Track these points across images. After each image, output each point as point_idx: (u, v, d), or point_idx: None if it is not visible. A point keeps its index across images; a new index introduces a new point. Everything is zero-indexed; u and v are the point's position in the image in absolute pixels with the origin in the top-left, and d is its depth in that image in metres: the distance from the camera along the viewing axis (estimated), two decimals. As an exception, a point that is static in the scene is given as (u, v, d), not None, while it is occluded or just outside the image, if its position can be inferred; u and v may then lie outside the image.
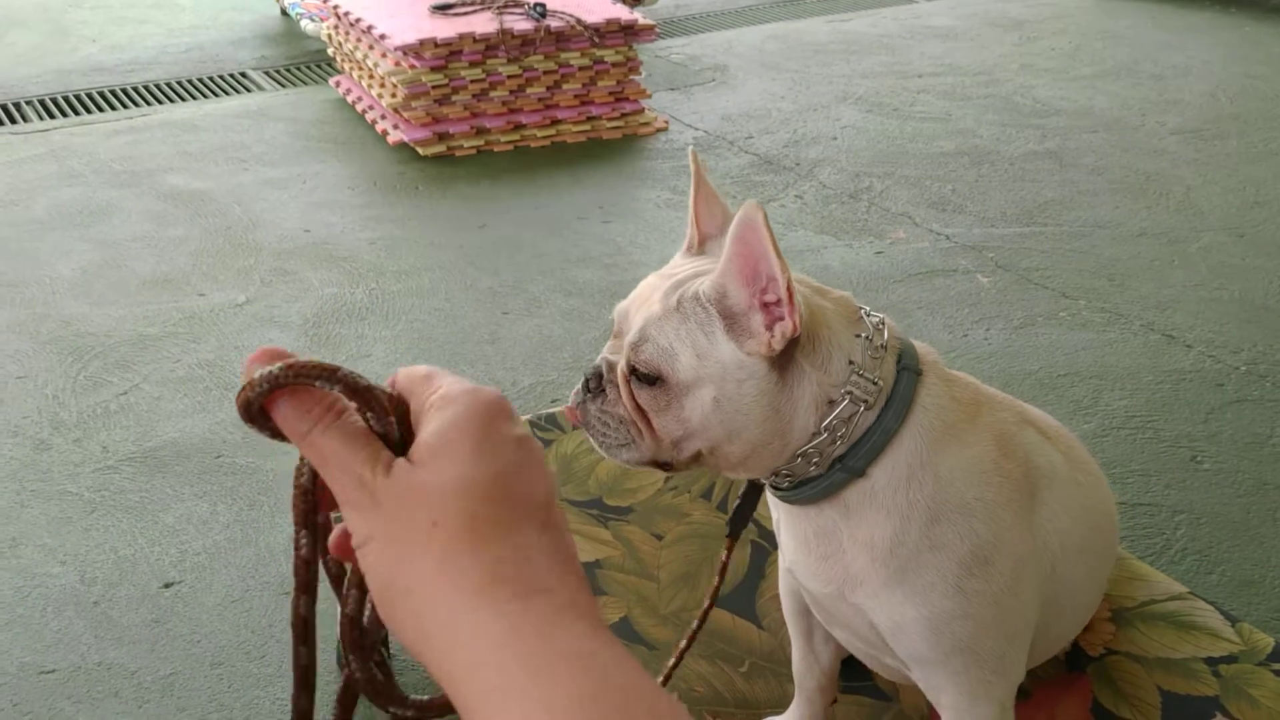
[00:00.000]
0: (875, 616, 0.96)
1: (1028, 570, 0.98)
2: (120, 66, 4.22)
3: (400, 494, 0.48)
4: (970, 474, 0.94)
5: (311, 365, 0.50)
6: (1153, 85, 4.02)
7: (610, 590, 1.41)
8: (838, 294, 0.96)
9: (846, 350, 0.91)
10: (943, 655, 0.96)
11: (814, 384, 0.90)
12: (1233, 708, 1.20)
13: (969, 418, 0.96)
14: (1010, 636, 0.98)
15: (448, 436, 0.49)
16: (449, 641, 0.46)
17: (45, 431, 2.10)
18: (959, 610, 0.94)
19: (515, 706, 0.44)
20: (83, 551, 1.80)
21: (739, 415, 0.90)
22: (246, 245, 2.84)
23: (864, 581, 0.95)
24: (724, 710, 1.26)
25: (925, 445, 0.92)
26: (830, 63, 4.30)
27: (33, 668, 1.58)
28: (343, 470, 0.50)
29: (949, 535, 0.92)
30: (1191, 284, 2.64)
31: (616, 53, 3.55)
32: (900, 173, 3.28)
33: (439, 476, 0.49)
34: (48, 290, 2.61)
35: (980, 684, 0.98)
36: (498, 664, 0.45)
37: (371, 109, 3.61)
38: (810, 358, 0.90)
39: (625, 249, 2.82)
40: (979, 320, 2.49)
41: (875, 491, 0.93)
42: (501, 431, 0.50)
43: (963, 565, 0.93)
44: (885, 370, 0.92)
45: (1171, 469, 1.99)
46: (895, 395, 0.92)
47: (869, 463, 0.92)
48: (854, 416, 0.91)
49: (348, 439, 0.50)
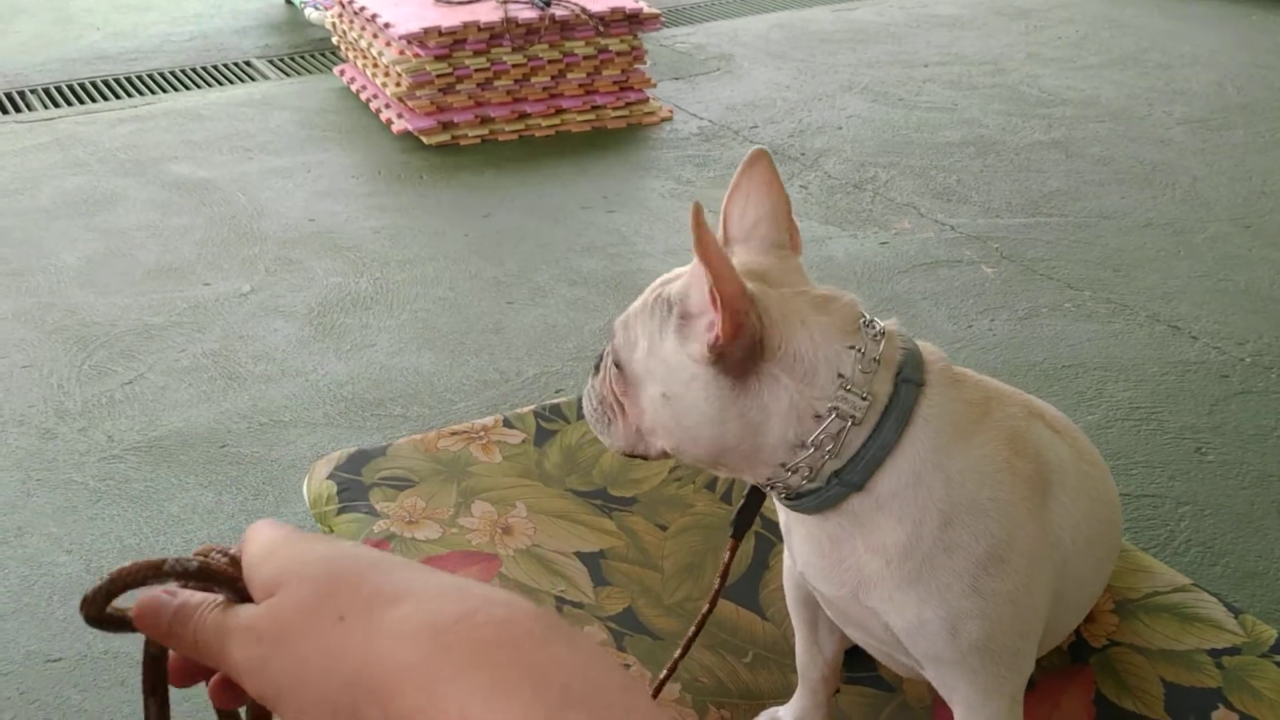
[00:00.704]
0: (890, 619, 0.96)
1: (1041, 566, 0.98)
2: (124, 55, 4.21)
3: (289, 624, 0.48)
4: (982, 474, 0.93)
5: (136, 568, 0.51)
6: (1160, 75, 4.01)
7: (614, 581, 1.42)
8: (843, 302, 0.94)
9: (835, 364, 0.89)
10: (959, 655, 0.95)
11: (794, 395, 0.89)
12: (1235, 699, 1.20)
13: (978, 418, 0.95)
14: (1025, 633, 0.97)
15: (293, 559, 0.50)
16: (408, 695, 0.45)
17: (51, 420, 2.10)
18: (976, 610, 0.93)
19: None
20: (88, 540, 1.80)
21: (690, 414, 0.90)
22: (251, 234, 2.84)
23: (878, 585, 0.94)
24: (728, 701, 1.27)
25: (931, 452, 0.91)
26: (836, 52, 4.29)
27: (39, 656, 1.59)
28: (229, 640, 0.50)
29: (963, 537, 0.92)
30: (1197, 275, 2.64)
31: (621, 41, 3.54)
32: (905, 163, 3.28)
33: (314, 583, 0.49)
34: (53, 279, 2.61)
35: (994, 679, 0.98)
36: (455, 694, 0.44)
37: (376, 98, 3.60)
38: (789, 370, 0.89)
39: (630, 239, 2.82)
40: (983, 311, 2.48)
41: (882, 501, 0.92)
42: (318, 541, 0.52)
43: (979, 565, 0.92)
44: (879, 384, 0.90)
45: (1176, 461, 1.99)
46: (893, 408, 0.90)
47: (866, 477, 0.91)
48: (842, 432, 0.90)
49: (223, 611, 0.51)
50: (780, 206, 0.99)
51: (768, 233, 0.98)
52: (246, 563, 0.52)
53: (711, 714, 1.26)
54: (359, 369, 2.26)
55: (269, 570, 0.50)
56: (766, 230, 0.98)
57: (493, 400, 2.16)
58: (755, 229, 0.97)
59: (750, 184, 0.99)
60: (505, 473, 1.60)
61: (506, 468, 1.61)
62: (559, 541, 1.48)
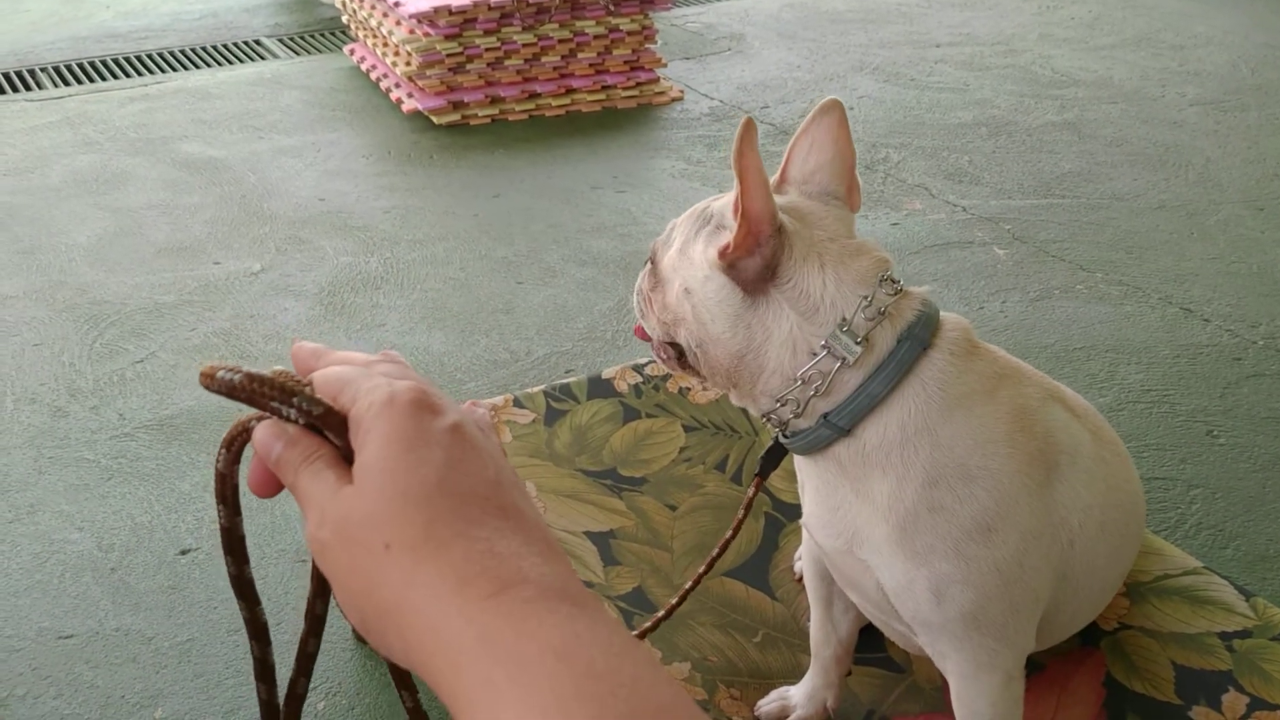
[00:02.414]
0: (881, 575, 0.98)
1: (1039, 544, 0.98)
2: (134, 33, 4.21)
3: (350, 527, 0.49)
4: (975, 442, 0.95)
5: (268, 389, 0.53)
6: (1173, 55, 3.98)
7: (624, 560, 1.42)
8: (873, 257, 0.97)
9: (841, 308, 0.93)
10: (944, 620, 0.97)
11: (792, 325, 0.94)
12: (1246, 682, 1.20)
13: (986, 391, 0.96)
14: (1015, 607, 0.98)
15: (381, 457, 0.50)
16: (429, 652, 0.46)
17: (62, 399, 2.11)
18: (960, 575, 0.95)
19: (501, 713, 0.43)
20: (100, 518, 1.81)
21: (704, 310, 0.96)
22: (261, 214, 2.84)
23: (869, 538, 0.97)
24: (737, 680, 1.27)
25: (922, 413, 0.94)
26: (847, 32, 4.27)
27: (51, 632, 1.60)
28: (309, 505, 0.52)
29: (947, 498, 0.94)
30: (1210, 257, 2.62)
31: (632, 21, 3.52)
32: (917, 143, 3.26)
33: (381, 500, 0.49)
34: (64, 257, 2.62)
35: (984, 651, 0.99)
36: (477, 669, 0.44)
37: (386, 77, 3.59)
38: (794, 303, 0.94)
39: (640, 219, 2.82)
40: (995, 293, 2.47)
41: (867, 451, 0.95)
42: (431, 430, 0.50)
43: (963, 530, 0.94)
44: (879, 335, 0.94)
45: (1187, 443, 1.98)
46: (889, 362, 0.93)
47: (854, 422, 0.95)
48: (832, 372, 0.93)
49: (315, 474, 0.52)
50: (843, 159, 1.03)
51: (825, 181, 1.02)
52: (355, 417, 0.52)
53: (721, 693, 1.26)
54: (369, 348, 2.26)
55: (364, 457, 0.50)
56: (824, 179, 1.02)
57: (503, 380, 2.16)
58: (815, 175, 1.02)
59: (818, 132, 1.02)
60: (515, 452, 1.60)
61: (516, 447, 1.61)
62: (569, 521, 1.48)
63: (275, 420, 0.54)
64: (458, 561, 0.47)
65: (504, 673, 0.44)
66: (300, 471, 0.52)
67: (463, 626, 0.45)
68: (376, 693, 1.50)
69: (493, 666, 0.44)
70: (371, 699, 1.49)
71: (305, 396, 0.52)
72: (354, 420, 0.52)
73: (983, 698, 1.01)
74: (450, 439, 0.50)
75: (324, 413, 0.52)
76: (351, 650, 1.56)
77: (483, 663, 0.44)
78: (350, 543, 0.49)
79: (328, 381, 0.54)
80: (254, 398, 0.53)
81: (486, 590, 0.46)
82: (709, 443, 1.62)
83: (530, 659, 0.44)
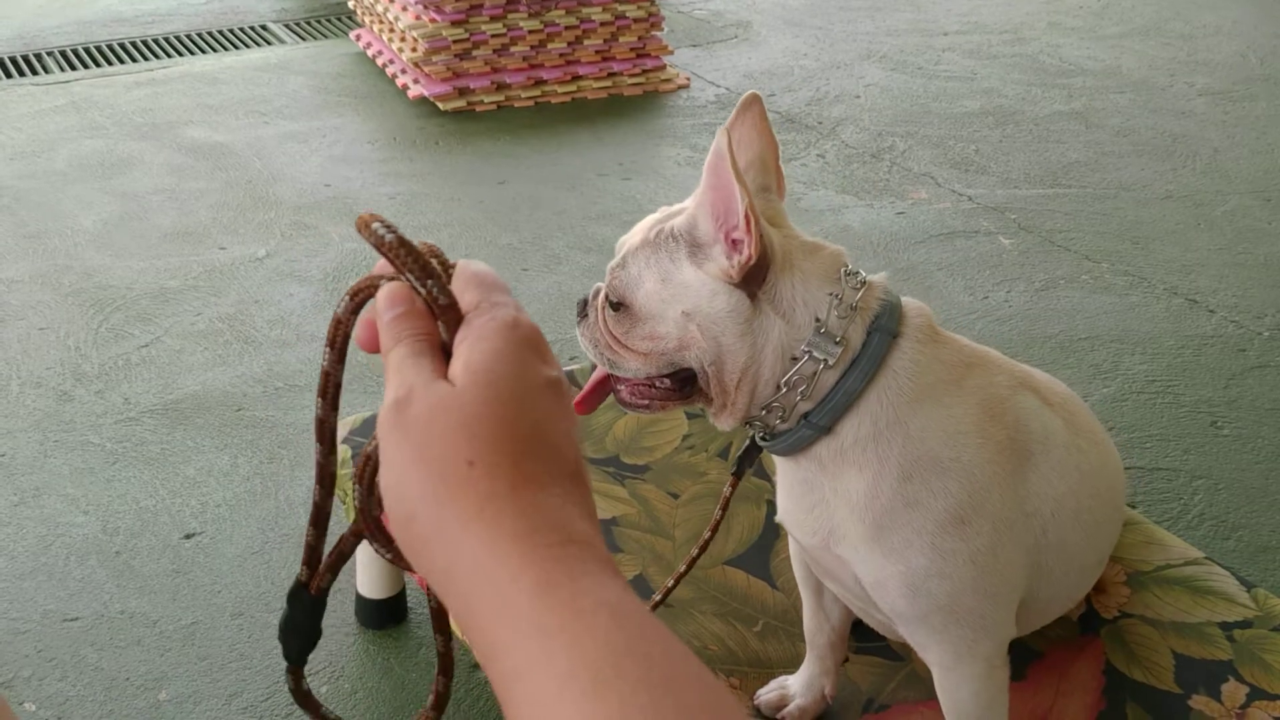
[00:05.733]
0: (858, 569, 0.98)
1: (1011, 533, 0.98)
2: (140, 18, 4.20)
3: (437, 424, 0.48)
4: (945, 434, 0.95)
5: (413, 263, 0.53)
6: (1181, 45, 3.97)
7: (626, 548, 1.42)
8: (829, 251, 0.97)
9: (813, 308, 0.93)
10: (921, 612, 0.97)
11: (779, 332, 0.93)
12: (1246, 672, 1.20)
13: (954, 380, 0.96)
14: (990, 596, 0.98)
15: (489, 369, 0.49)
16: (476, 585, 0.46)
17: (68, 383, 2.11)
18: (935, 569, 0.95)
19: (551, 656, 0.44)
20: (105, 502, 1.82)
21: (715, 326, 0.94)
22: (267, 199, 2.84)
23: (846, 535, 0.98)
24: (738, 669, 1.27)
25: (894, 405, 0.94)
26: (855, 20, 4.26)
27: (57, 615, 1.61)
28: (398, 379, 0.50)
29: (921, 493, 0.94)
30: (1216, 248, 2.62)
31: (638, 8, 3.51)
32: (923, 132, 3.25)
33: (482, 415, 0.48)
34: (69, 242, 2.62)
35: (963, 642, 0.99)
36: (530, 614, 0.45)
37: (392, 63, 3.59)
38: (776, 307, 0.93)
39: (645, 206, 2.81)
40: (1000, 282, 2.47)
41: (845, 449, 0.95)
42: (539, 375, 0.50)
43: (939, 524, 0.94)
44: (853, 331, 0.93)
45: (1191, 434, 1.98)
46: (863, 356, 0.93)
47: (834, 421, 0.94)
48: (815, 375, 0.93)
49: (416, 354, 0.51)
50: (769, 152, 1.01)
51: (756, 177, 1.01)
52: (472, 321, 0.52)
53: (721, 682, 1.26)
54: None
55: (472, 365, 0.50)
56: (755, 174, 1.01)
57: (507, 367, 2.17)
58: (747, 172, 0.99)
59: (743, 128, 1.01)
60: (518, 439, 1.60)
61: (520, 434, 1.61)
62: (571, 508, 1.48)
63: (404, 284, 0.54)
64: (529, 507, 0.47)
65: (557, 620, 0.44)
66: (402, 342, 0.52)
67: (521, 568, 0.45)
68: (379, 678, 1.51)
69: (546, 613, 0.44)
70: (374, 683, 1.50)
71: (439, 284, 0.53)
72: (469, 323, 0.52)
73: (965, 687, 1.02)
74: (552, 391, 0.51)
75: (448, 304, 0.53)
76: (355, 636, 1.57)
77: (536, 609, 0.45)
78: (431, 438, 0.48)
79: (467, 277, 0.55)
80: (395, 261, 0.54)
81: (552, 540, 0.46)
82: (711, 430, 1.62)
83: (585, 611, 0.44)
